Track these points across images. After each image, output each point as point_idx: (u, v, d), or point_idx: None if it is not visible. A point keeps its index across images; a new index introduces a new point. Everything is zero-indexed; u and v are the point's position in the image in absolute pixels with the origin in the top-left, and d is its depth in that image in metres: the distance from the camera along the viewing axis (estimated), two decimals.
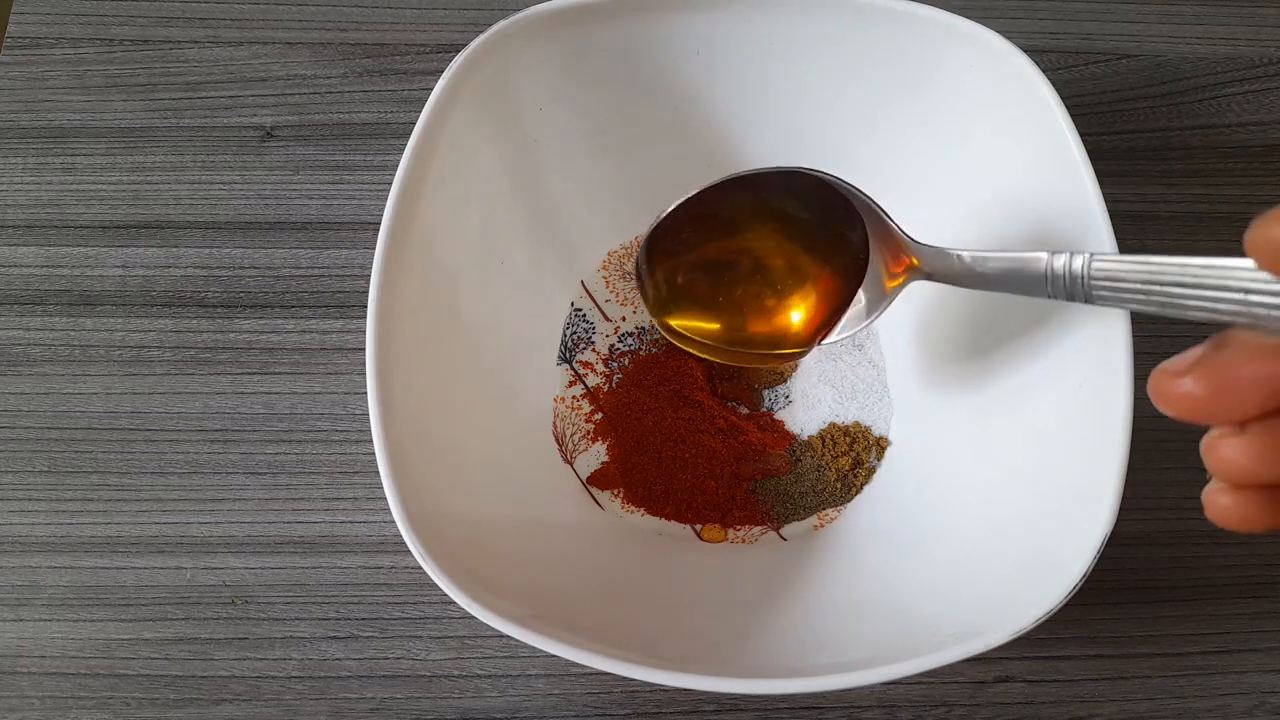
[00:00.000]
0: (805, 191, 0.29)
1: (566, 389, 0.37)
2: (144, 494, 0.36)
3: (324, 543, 0.35)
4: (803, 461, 0.36)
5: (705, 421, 0.36)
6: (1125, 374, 0.27)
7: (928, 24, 0.32)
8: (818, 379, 0.38)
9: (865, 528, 0.34)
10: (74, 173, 0.40)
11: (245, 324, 0.38)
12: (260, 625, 0.34)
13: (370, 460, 0.28)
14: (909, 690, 0.34)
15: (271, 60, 0.42)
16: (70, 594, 0.34)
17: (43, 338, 0.38)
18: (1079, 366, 0.29)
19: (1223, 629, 0.35)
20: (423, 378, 0.30)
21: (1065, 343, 0.30)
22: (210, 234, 0.39)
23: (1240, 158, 0.42)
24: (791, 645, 0.29)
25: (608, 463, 0.36)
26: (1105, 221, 0.29)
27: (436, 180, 0.31)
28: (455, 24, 0.43)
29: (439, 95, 0.31)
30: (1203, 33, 0.44)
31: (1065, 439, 0.29)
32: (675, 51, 0.34)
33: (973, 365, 0.34)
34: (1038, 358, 0.31)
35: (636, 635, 0.29)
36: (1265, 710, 0.34)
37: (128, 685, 0.33)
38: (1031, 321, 0.32)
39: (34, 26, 0.42)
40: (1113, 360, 0.28)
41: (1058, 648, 0.34)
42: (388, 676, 0.34)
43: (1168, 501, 0.36)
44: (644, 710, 0.34)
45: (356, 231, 0.40)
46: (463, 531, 0.29)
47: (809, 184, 0.28)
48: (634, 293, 0.39)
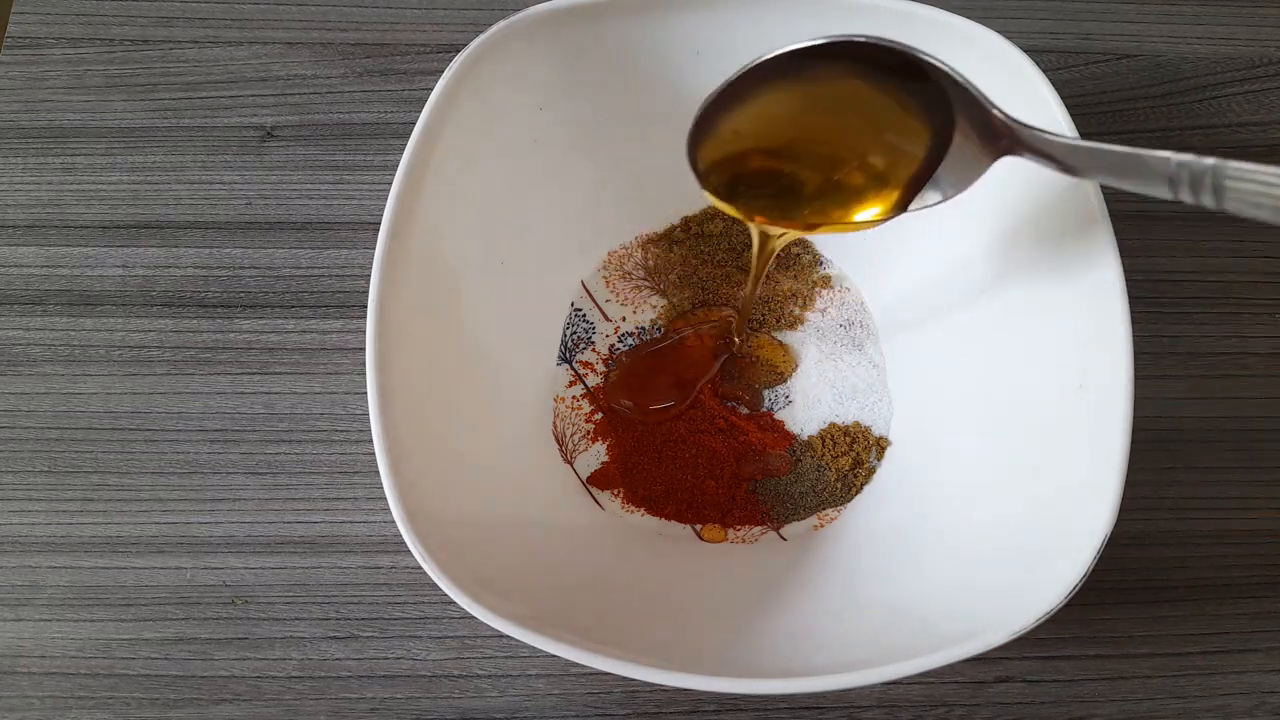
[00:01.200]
0: (878, 63, 0.27)
1: (566, 389, 0.37)
2: (144, 494, 0.36)
3: (324, 543, 0.35)
4: (803, 461, 0.36)
5: (705, 421, 0.36)
6: (1125, 374, 0.27)
7: (927, 24, 0.32)
8: (818, 379, 0.38)
9: (865, 528, 0.34)
10: (74, 173, 0.40)
11: (245, 324, 0.38)
12: (260, 625, 0.34)
13: (370, 460, 0.28)
14: (909, 690, 0.34)
15: (271, 60, 0.42)
16: (70, 594, 0.34)
17: (43, 338, 0.38)
18: (1079, 366, 0.29)
19: (1223, 629, 0.35)
20: (423, 378, 0.30)
21: (1065, 342, 0.30)
22: (210, 234, 0.39)
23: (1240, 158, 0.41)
24: (792, 645, 0.29)
25: (608, 463, 0.36)
26: (1105, 221, 0.29)
27: (436, 180, 0.31)
28: (455, 24, 0.43)
29: (439, 95, 0.31)
30: (1203, 33, 0.44)
31: (1065, 439, 0.29)
32: (675, 51, 0.34)
33: (973, 365, 0.34)
34: (1038, 358, 0.31)
35: (636, 635, 0.29)
36: (1265, 710, 0.34)
37: (128, 685, 0.33)
38: (1032, 321, 0.32)
39: (34, 26, 0.42)
40: (1113, 360, 0.28)
41: (1058, 648, 0.34)
42: (388, 676, 0.34)
43: (1168, 501, 0.36)
44: (644, 710, 0.34)
45: (356, 231, 0.40)
46: (463, 531, 0.29)
47: (882, 54, 0.27)
48: (634, 292, 0.39)
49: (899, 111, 0.28)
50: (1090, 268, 0.29)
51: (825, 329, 0.38)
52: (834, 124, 0.29)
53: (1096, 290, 0.29)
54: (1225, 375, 0.38)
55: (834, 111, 0.29)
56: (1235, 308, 0.39)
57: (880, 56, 0.27)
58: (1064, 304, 0.30)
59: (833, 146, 0.29)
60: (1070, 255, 0.30)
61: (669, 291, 0.39)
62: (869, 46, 0.27)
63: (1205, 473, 0.37)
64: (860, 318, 0.38)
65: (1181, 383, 0.38)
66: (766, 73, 0.28)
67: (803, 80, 0.28)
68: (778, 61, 0.27)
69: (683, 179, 0.37)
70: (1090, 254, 0.29)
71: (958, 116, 0.27)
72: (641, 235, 0.39)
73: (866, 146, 0.29)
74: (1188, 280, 0.39)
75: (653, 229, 0.39)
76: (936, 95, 0.27)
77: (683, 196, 0.39)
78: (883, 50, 0.27)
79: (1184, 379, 0.38)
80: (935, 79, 0.27)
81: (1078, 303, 0.30)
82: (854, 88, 0.28)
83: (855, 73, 0.28)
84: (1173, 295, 0.39)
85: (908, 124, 0.28)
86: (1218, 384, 0.38)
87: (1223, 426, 0.37)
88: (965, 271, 0.35)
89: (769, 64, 0.28)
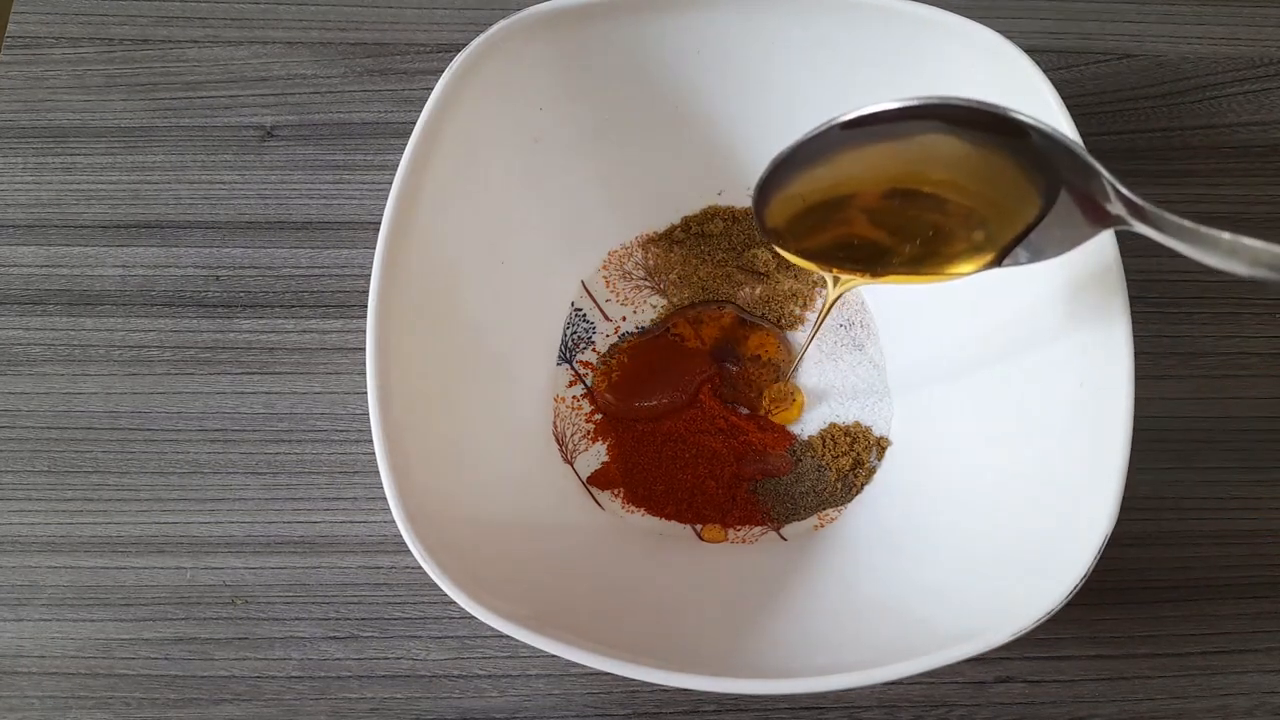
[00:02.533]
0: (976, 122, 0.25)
1: (567, 389, 0.37)
2: (144, 494, 0.36)
3: (324, 543, 0.35)
4: (803, 462, 0.36)
5: (706, 421, 0.36)
6: (1125, 374, 0.27)
7: (928, 24, 0.32)
8: (818, 379, 0.38)
9: (865, 528, 0.34)
10: (74, 172, 0.40)
11: (245, 324, 0.38)
12: (260, 625, 0.34)
13: (370, 460, 0.28)
14: (909, 690, 0.34)
15: (271, 60, 0.42)
16: (70, 594, 0.34)
17: (43, 338, 0.38)
18: (1079, 366, 0.29)
19: (1223, 629, 0.35)
20: (423, 378, 0.30)
21: (1066, 342, 0.30)
22: (210, 234, 0.39)
23: (1240, 158, 0.42)
24: (792, 645, 0.29)
25: (608, 463, 0.36)
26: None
27: (436, 180, 0.31)
28: (455, 24, 0.43)
29: (439, 95, 0.31)
30: (1203, 33, 0.44)
31: (1065, 439, 0.29)
32: (675, 51, 0.34)
33: (973, 365, 0.34)
34: (1038, 358, 0.31)
35: (636, 635, 0.29)
36: (1265, 710, 0.34)
37: (128, 685, 0.33)
38: (1032, 322, 0.32)
39: (34, 26, 0.42)
40: (1113, 360, 0.28)
41: (1058, 648, 0.34)
42: (388, 676, 0.34)
43: (1168, 501, 0.36)
44: (644, 710, 0.33)
45: (356, 231, 0.40)
46: (463, 531, 0.29)
47: (982, 116, 0.25)
48: (634, 292, 0.39)
49: (1000, 173, 0.26)
50: (1091, 267, 0.29)
51: (825, 329, 0.38)
52: (924, 184, 0.27)
53: (1097, 290, 0.29)
54: (1225, 375, 0.38)
55: (925, 171, 0.27)
56: (1235, 308, 0.39)
57: (973, 115, 0.25)
58: (1064, 304, 0.30)
59: (923, 208, 0.27)
60: (1070, 255, 0.30)
61: (669, 291, 0.39)
62: (959, 108, 0.25)
63: (1205, 473, 0.37)
64: (860, 318, 0.38)
65: (1181, 383, 0.38)
66: (846, 132, 0.26)
67: (889, 137, 0.26)
68: (860, 120, 0.25)
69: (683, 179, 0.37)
70: (1091, 253, 0.29)
71: (1065, 182, 0.25)
72: (641, 235, 0.39)
73: (963, 209, 0.27)
74: (1188, 280, 0.39)
75: (653, 229, 0.39)
76: (1037, 157, 0.25)
77: (683, 196, 0.39)
78: (976, 110, 0.25)
79: (1184, 379, 0.38)
80: (1037, 141, 0.25)
81: (1078, 303, 0.30)
82: (948, 145, 0.26)
83: (947, 131, 0.25)
84: (1173, 295, 0.39)
85: (1008, 186, 0.26)
86: (1218, 384, 0.38)
87: (1223, 426, 0.37)
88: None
89: (849, 123, 0.26)
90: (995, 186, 0.26)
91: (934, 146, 0.26)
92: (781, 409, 0.37)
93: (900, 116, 0.25)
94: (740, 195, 0.39)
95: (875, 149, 0.27)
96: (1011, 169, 0.26)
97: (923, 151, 0.26)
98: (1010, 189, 0.26)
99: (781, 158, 0.27)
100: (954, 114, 0.25)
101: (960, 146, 0.26)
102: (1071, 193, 0.25)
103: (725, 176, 0.38)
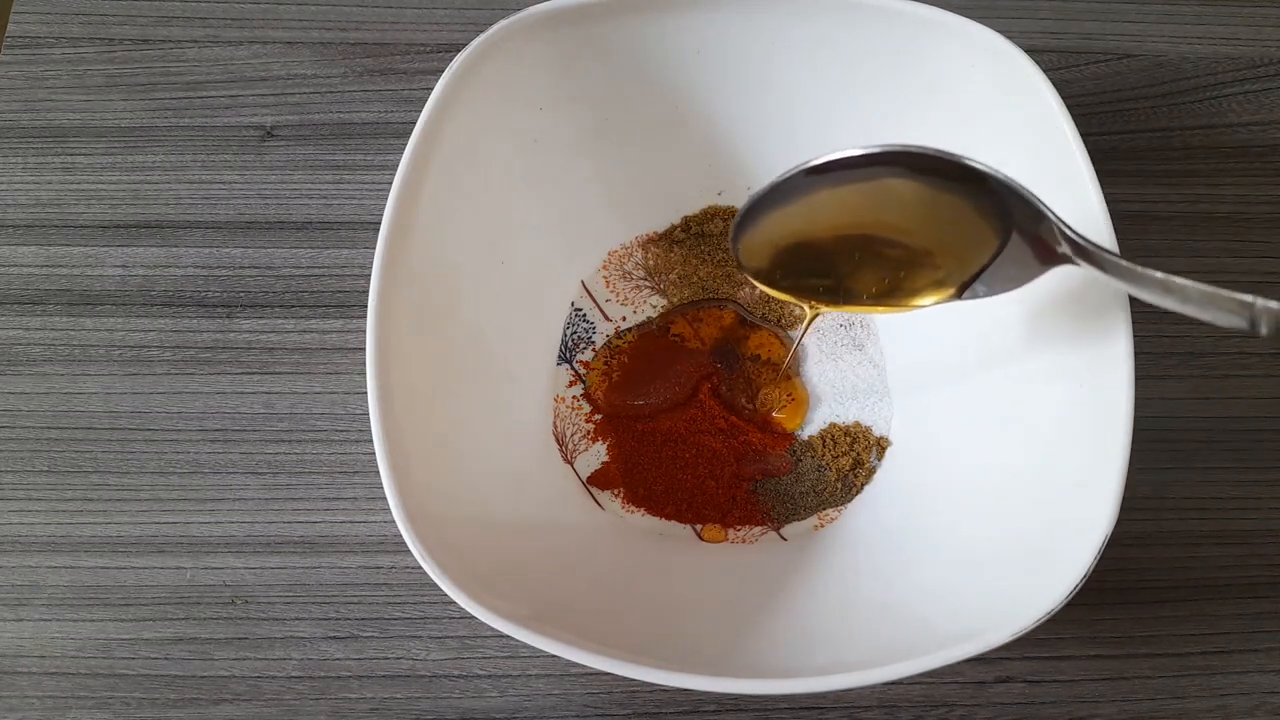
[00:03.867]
0: (931, 168, 0.27)
1: (566, 389, 0.37)
2: (144, 494, 0.36)
3: (324, 543, 0.35)
4: (803, 462, 0.36)
5: (706, 421, 0.36)
6: (1126, 374, 0.27)
7: (928, 24, 0.32)
8: (818, 379, 0.38)
9: (865, 528, 0.34)
10: (74, 172, 0.40)
11: (245, 324, 0.38)
12: (260, 625, 0.34)
13: (370, 460, 0.28)
14: (909, 690, 0.34)
15: (271, 60, 0.42)
16: (70, 594, 0.34)
17: (43, 338, 0.38)
18: (1079, 366, 0.29)
19: (1223, 629, 0.35)
20: (423, 378, 0.30)
21: (1066, 342, 0.30)
22: (210, 234, 0.39)
23: (1240, 158, 0.42)
24: (791, 645, 0.29)
25: (608, 463, 0.36)
26: (1106, 221, 0.29)
27: (436, 180, 0.31)
28: (455, 24, 0.43)
29: (439, 95, 0.31)
30: (1203, 33, 0.44)
31: (1065, 439, 0.29)
32: (675, 51, 0.34)
33: (973, 366, 0.34)
34: (1038, 358, 0.31)
35: (636, 635, 0.29)
36: (1265, 710, 0.34)
37: (128, 685, 0.33)
38: (1032, 322, 0.32)
39: (34, 26, 0.42)
40: (1113, 360, 0.28)
41: (1058, 648, 0.34)
42: (388, 676, 0.34)
43: (1168, 501, 0.36)
44: (644, 710, 0.34)
45: (356, 231, 0.40)
46: (463, 531, 0.29)
47: (935, 161, 0.27)
48: (634, 292, 0.39)
49: (958, 217, 0.28)
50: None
51: (825, 329, 0.38)
52: (888, 225, 0.29)
53: (1097, 290, 0.29)
54: (1225, 375, 0.38)
55: (889, 213, 0.29)
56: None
57: (933, 163, 0.27)
58: (1064, 303, 0.30)
59: (888, 247, 0.29)
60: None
61: (669, 291, 0.39)
62: (919, 156, 0.26)
63: (1205, 473, 0.37)
64: (861, 318, 0.38)
65: (1181, 383, 0.38)
66: (814, 176, 0.28)
67: (855, 180, 0.28)
68: (828, 165, 0.27)
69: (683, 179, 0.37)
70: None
71: (1017, 225, 0.27)
72: (641, 235, 0.39)
73: (924, 249, 0.29)
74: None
75: (653, 229, 0.39)
76: (993, 201, 0.27)
77: (683, 196, 0.39)
78: (934, 159, 0.26)
79: (1184, 379, 0.38)
80: (993, 186, 0.26)
81: (1078, 302, 0.30)
82: (909, 189, 0.28)
83: (909, 176, 0.27)
84: None
85: (966, 228, 0.28)
86: (1218, 384, 0.38)
87: (1223, 426, 0.37)
88: None
89: (816, 168, 0.27)
90: (954, 229, 0.28)
91: (897, 191, 0.28)
92: (781, 409, 0.37)
93: (865, 163, 0.27)
94: (740, 195, 0.39)
95: (841, 192, 0.28)
96: (969, 212, 0.27)
97: (887, 195, 0.28)
98: (967, 231, 0.28)
99: (753, 200, 0.29)
100: (915, 161, 0.27)
101: (921, 191, 0.28)
102: (1023, 235, 0.27)
103: (725, 176, 0.38)
